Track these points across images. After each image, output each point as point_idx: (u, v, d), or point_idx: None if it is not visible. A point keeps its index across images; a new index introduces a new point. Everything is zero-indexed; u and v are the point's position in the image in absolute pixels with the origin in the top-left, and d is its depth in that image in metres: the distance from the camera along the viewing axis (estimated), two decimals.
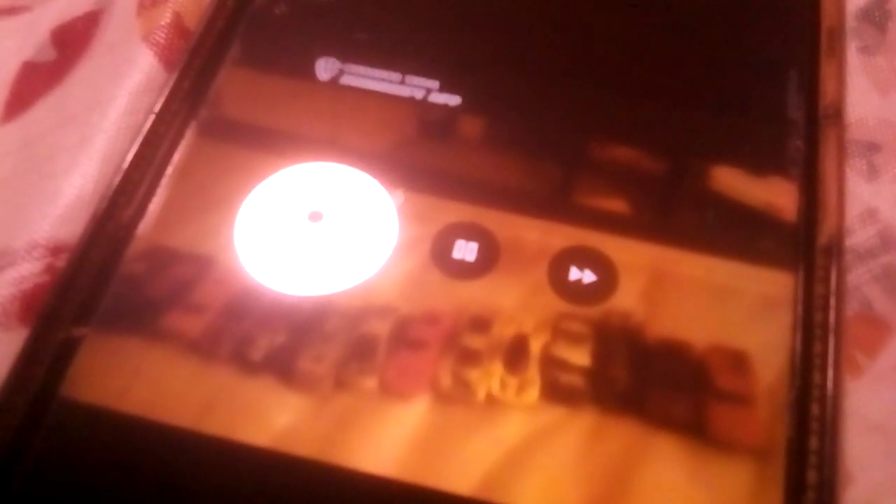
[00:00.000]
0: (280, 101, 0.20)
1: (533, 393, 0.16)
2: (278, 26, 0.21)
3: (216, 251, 0.17)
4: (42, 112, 0.20)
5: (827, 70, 0.20)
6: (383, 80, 0.20)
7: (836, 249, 0.17)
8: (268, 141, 0.19)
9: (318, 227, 0.18)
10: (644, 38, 0.21)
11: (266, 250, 0.18)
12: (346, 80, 0.20)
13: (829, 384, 0.16)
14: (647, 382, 0.16)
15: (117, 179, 0.18)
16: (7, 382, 0.16)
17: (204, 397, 0.16)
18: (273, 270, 0.17)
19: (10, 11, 0.21)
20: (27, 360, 0.16)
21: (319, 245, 0.18)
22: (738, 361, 0.16)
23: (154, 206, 0.18)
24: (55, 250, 0.18)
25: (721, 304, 0.17)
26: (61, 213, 0.18)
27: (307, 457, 0.15)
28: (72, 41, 0.21)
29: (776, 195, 0.18)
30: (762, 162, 0.19)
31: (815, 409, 0.16)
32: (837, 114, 0.19)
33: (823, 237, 0.18)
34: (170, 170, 0.18)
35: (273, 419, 0.16)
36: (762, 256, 0.17)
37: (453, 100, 0.20)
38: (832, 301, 0.17)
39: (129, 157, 0.18)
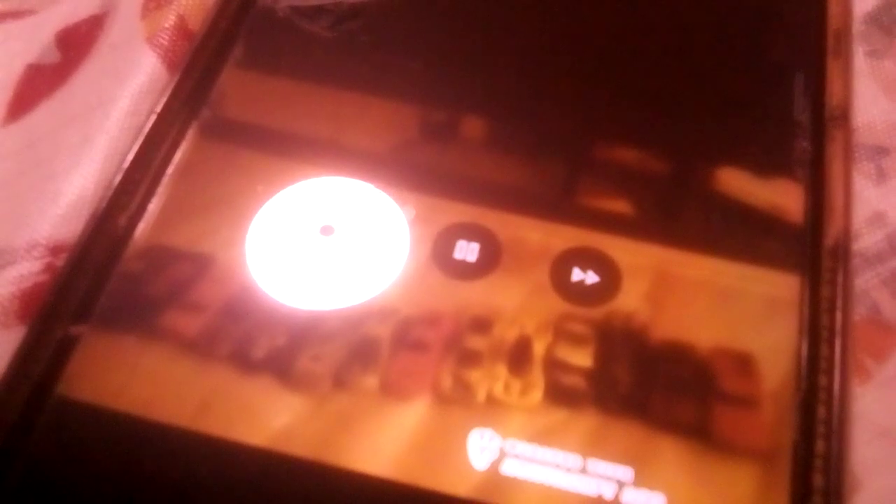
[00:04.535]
0: (281, 103, 0.20)
1: (534, 395, 0.16)
2: (281, 28, 0.21)
3: (215, 252, 0.17)
4: (45, 113, 0.20)
5: (833, 72, 0.20)
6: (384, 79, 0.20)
7: (842, 251, 0.17)
8: (268, 142, 0.19)
9: (328, 240, 0.18)
10: (649, 39, 0.21)
11: (270, 260, 0.17)
12: (346, 81, 0.20)
13: (836, 387, 0.16)
14: (650, 384, 0.16)
15: (118, 179, 0.18)
16: (4, 380, 0.16)
17: (201, 396, 0.16)
18: (272, 276, 0.17)
19: (16, 14, 0.21)
20: (24, 357, 0.16)
21: (327, 258, 0.18)
22: (744, 364, 0.16)
23: (154, 206, 0.18)
24: (55, 250, 0.18)
25: (726, 307, 0.17)
26: (62, 212, 0.18)
27: (305, 457, 0.15)
28: (76, 43, 0.21)
29: (782, 197, 0.18)
30: (768, 163, 0.18)
31: (821, 412, 0.15)
32: (844, 115, 0.19)
33: (830, 239, 0.17)
34: (170, 170, 0.18)
35: (271, 419, 0.16)
36: (768, 258, 0.17)
37: (456, 100, 0.19)
38: (839, 303, 0.17)
39: (130, 157, 0.18)
